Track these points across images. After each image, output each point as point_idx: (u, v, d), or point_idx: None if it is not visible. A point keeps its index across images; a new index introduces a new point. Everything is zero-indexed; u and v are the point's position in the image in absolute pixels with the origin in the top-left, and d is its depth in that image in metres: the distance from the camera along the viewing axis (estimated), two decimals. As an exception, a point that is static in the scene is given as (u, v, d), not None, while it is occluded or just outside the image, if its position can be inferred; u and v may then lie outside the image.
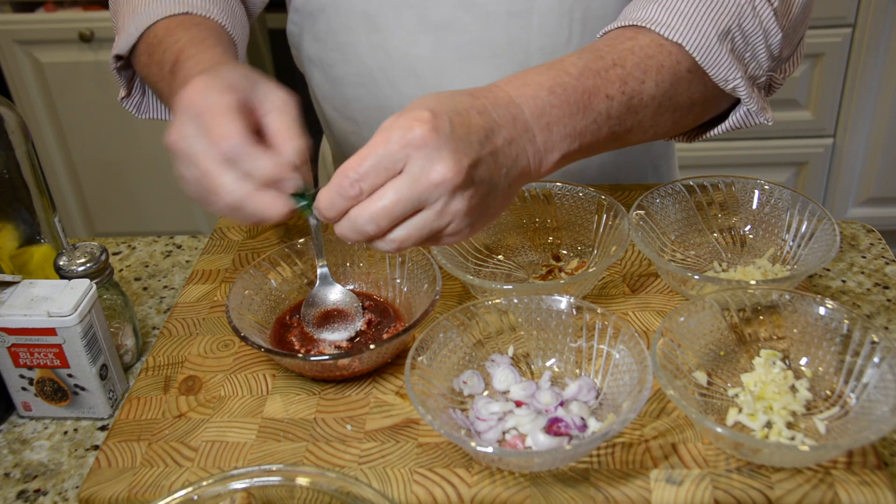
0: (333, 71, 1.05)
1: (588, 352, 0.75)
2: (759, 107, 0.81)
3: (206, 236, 1.05)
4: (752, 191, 0.89)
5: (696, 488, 0.65)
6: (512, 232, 0.92)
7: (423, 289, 0.81)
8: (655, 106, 0.76)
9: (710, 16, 0.77)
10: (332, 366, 0.75)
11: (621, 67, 0.74)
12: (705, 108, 0.82)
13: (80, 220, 2.50)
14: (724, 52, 0.77)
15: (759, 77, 0.82)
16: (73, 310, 0.75)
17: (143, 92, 0.97)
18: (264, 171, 0.65)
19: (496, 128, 0.66)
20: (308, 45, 1.06)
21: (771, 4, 0.79)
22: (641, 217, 0.86)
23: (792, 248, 0.86)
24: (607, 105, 0.73)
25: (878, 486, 0.64)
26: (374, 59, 1.02)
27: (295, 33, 1.08)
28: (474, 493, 0.66)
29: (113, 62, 0.92)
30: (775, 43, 0.81)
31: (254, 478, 0.62)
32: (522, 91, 0.69)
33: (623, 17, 0.79)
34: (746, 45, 0.79)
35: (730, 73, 0.78)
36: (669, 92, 0.77)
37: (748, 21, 0.79)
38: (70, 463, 0.77)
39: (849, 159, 2.30)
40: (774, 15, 0.80)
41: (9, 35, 2.21)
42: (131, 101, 0.97)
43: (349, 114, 1.08)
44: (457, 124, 0.64)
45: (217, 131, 0.65)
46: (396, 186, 0.62)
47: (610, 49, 0.75)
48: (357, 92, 1.05)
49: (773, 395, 0.70)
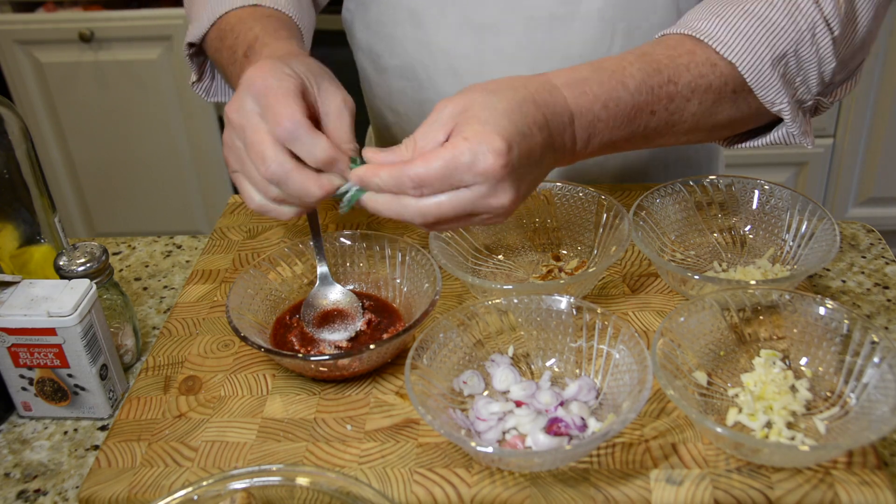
0: (381, 61, 1.07)
1: (588, 352, 0.75)
2: (801, 130, 0.80)
3: (206, 236, 1.05)
4: (752, 191, 0.89)
5: (696, 488, 0.65)
6: (512, 232, 0.92)
7: (423, 289, 0.81)
8: (694, 122, 0.77)
9: (769, 38, 0.77)
10: (332, 366, 0.75)
11: (674, 84, 0.75)
12: (744, 124, 0.82)
13: (80, 220, 2.50)
14: (775, 76, 0.77)
15: (805, 101, 0.81)
16: (73, 310, 0.75)
17: (212, 77, 1.00)
18: (321, 153, 0.68)
19: (551, 145, 0.69)
20: (359, 32, 1.09)
21: (831, 32, 0.78)
22: (641, 217, 0.86)
23: (792, 248, 0.86)
24: (648, 119, 0.75)
25: (878, 486, 0.64)
26: (418, 54, 1.03)
27: (348, 20, 1.10)
28: (474, 493, 0.66)
29: (186, 48, 0.95)
30: (828, 71, 0.80)
31: (254, 478, 0.62)
32: (579, 101, 0.71)
33: (684, 24, 0.79)
34: (799, 70, 0.79)
35: (777, 97, 0.78)
36: (711, 110, 0.77)
37: (805, 48, 0.78)
38: (70, 463, 0.77)
39: (849, 159, 2.30)
40: (833, 44, 0.78)
41: (9, 35, 2.21)
42: (202, 86, 1.00)
43: (393, 105, 1.10)
44: (523, 152, 0.66)
45: (277, 110, 0.68)
46: (456, 200, 0.65)
47: (669, 62, 0.75)
48: (401, 84, 1.07)
49: (773, 395, 0.70)
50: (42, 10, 2.25)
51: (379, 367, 0.78)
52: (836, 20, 0.78)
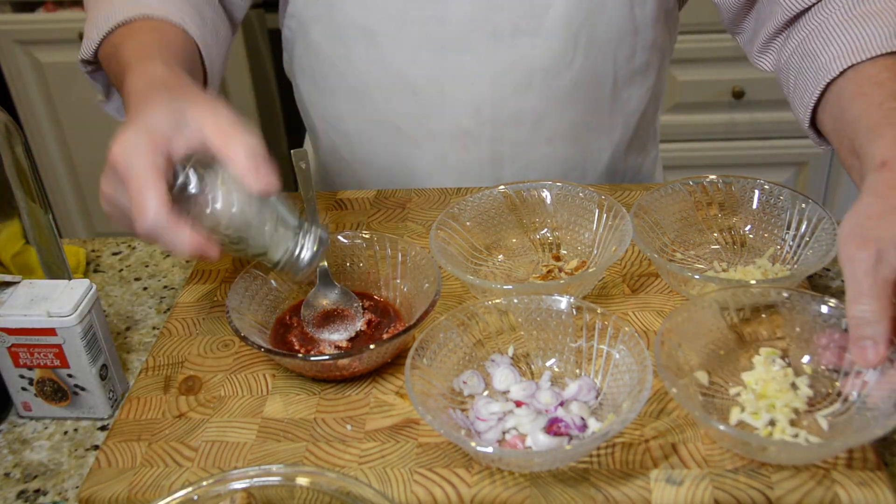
0: (325, 82, 1.05)
1: (588, 352, 0.75)
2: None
3: (206, 236, 1.05)
4: (752, 191, 0.89)
5: (696, 488, 0.65)
6: (512, 232, 0.92)
7: (423, 289, 0.81)
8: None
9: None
10: (331, 366, 0.75)
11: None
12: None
13: (79, 220, 2.50)
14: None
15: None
16: (73, 310, 0.75)
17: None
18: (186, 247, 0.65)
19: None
20: (300, 53, 1.05)
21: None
22: (641, 217, 0.86)
23: (792, 248, 0.86)
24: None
25: (878, 485, 0.64)
26: (371, 74, 1.01)
27: (289, 39, 1.07)
28: (474, 493, 0.66)
29: (82, 67, 0.91)
30: None
31: (254, 478, 0.62)
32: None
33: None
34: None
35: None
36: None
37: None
38: (70, 463, 0.77)
39: (849, 159, 2.30)
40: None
41: (9, 35, 2.20)
42: (111, 105, 0.96)
43: (341, 127, 1.07)
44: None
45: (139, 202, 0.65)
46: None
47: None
48: (351, 106, 1.04)
49: (774, 393, 0.71)
50: (42, 10, 2.25)
51: (379, 367, 0.78)
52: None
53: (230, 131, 0.67)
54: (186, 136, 0.68)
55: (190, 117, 0.68)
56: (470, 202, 0.90)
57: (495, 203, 0.91)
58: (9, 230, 0.86)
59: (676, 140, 2.22)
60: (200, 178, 0.68)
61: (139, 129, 0.67)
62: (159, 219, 0.65)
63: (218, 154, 0.67)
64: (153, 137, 0.67)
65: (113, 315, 0.95)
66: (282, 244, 0.70)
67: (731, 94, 2.15)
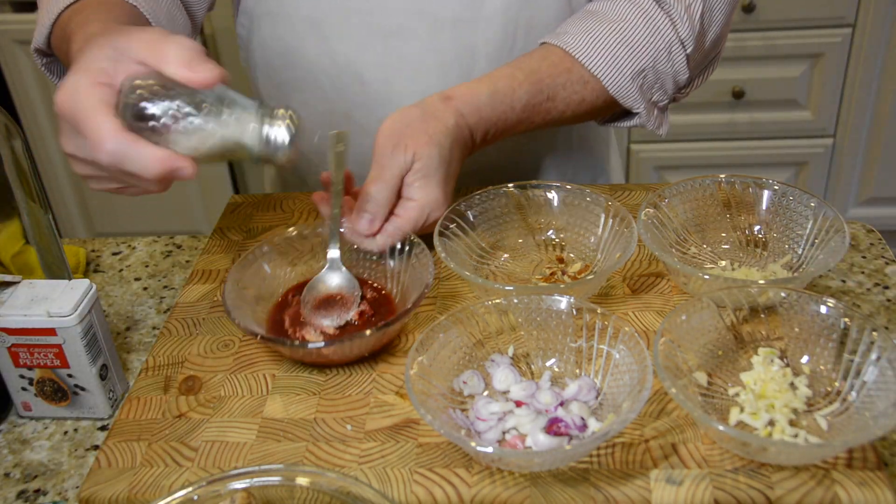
0: (279, 76, 1.06)
1: (588, 352, 0.75)
2: (655, 124, 0.97)
3: (206, 236, 1.05)
4: (762, 191, 0.89)
5: (696, 488, 0.65)
6: (517, 231, 0.92)
7: (420, 286, 0.81)
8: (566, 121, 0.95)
9: (630, 55, 0.91)
10: (310, 353, 0.76)
11: (552, 101, 0.91)
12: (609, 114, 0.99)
13: (79, 220, 2.50)
14: (634, 88, 0.92)
15: (661, 102, 0.97)
16: (73, 310, 0.75)
17: None
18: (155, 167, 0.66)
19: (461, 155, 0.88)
20: (255, 49, 1.07)
21: (685, 50, 0.92)
22: (650, 216, 0.86)
23: (803, 248, 0.85)
24: (528, 126, 0.92)
25: (878, 485, 0.64)
26: (320, 65, 1.02)
27: (243, 36, 1.08)
28: (474, 493, 0.66)
29: (37, 58, 0.91)
30: (683, 80, 0.95)
31: (254, 478, 0.62)
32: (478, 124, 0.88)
33: (559, 36, 0.93)
34: (655, 81, 0.94)
35: (636, 104, 0.93)
36: (581, 115, 0.94)
37: (662, 64, 0.93)
38: (70, 463, 0.77)
39: (849, 159, 2.30)
40: (687, 60, 0.93)
41: (9, 35, 2.21)
42: None
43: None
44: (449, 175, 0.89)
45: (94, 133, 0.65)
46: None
47: (550, 81, 0.91)
48: (302, 97, 1.05)
49: (773, 393, 0.71)
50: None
51: (375, 364, 0.78)
52: (691, 40, 0.91)
53: (159, 41, 0.68)
54: (125, 65, 0.68)
55: (125, 48, 0.69)
56: (476, 200, 0.90)
57: (501, 202, 0.91)
58: (9, 230, 0.86)
59: (676, 140, 2.22)
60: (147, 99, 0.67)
61: (77, 73, 0.68)
62: (117, 139, 0.65)
63: (155, 66, 0.67)
64: (92, 75, 0.67)
65: (113, 315, 0.95)
66: (247, 127, 0.69)
67: (731, 94, 2.15)
